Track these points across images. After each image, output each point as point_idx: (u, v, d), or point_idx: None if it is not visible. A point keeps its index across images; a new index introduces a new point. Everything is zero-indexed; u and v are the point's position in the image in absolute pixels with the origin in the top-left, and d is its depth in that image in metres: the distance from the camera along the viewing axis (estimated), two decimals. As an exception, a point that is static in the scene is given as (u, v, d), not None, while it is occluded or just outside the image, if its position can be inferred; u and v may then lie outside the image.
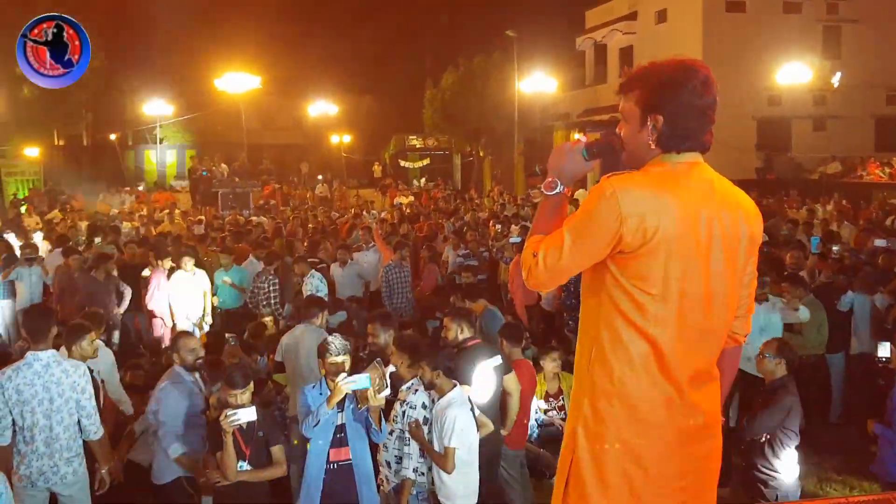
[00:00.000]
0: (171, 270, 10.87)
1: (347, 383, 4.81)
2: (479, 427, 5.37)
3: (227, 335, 8.96)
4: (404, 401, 5.39)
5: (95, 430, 5.19)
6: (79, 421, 5.15)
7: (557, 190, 2.57)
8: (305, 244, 14.01)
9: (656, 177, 2.38)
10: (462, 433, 5.11)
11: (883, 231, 13.46)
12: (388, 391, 4.93)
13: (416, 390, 5.38)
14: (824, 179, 24.18)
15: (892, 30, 31.05)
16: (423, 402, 5.34)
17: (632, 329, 2.38)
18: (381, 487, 5.38)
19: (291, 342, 7.06)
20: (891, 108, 31.81)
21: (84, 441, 5.26)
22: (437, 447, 5.15)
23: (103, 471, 5.31)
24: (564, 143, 2.66)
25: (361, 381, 4.79)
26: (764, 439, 5.62)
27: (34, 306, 7.70)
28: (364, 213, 20.71)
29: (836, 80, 25.62)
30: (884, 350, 6.25)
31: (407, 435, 5.28)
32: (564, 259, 2.40)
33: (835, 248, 11.13)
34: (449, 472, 5.11)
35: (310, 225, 18.15)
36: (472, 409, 5.30)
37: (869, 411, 6.32)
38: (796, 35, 29.84)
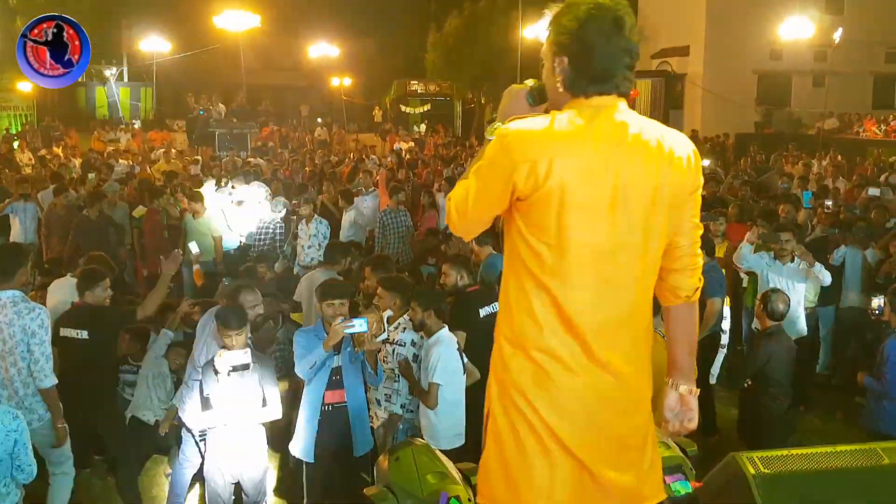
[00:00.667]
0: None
1: (345, 326, 4.84)
2: (467, 374, 5.46)
3: (223, 279, 9.00)
4: (394, 340, 5.48)
5: (42, 377, 5.07)
6: None
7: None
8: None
9: (558, 121, 2.25)
10: (446, 371, 5.18)
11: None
12: (385, 335, 4.99)
13: (405, 329, 5.48)
14: (821, 135, 24.12)
15: (896, -13, 30.77)
16: (413, 340, 5.45)
17: (531, 279, 2.31)
18: (372, 424, 5.48)
19: (307, 285, 7.12)
20: (889, 65, 31.76)
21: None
22: (423, 385, 5.25)
23: (58, 425, 5.21)
24: (513, 85, 2.57)
25: (359, 324, 4.81)
26: (746, 386, 5.77)
27: (4, 245, 7.75)
28: (364, 157, 20.60)
29: (837, 35, 25.38)
30: (878, 301, 6.33)
31: (396, 372, 5.38)
32: (470, 205, 2.36)
33: (828, 202, 11.18)
34: (432, 408, 5.20)
35: (306, 168, 18.06)
36: (459, 352, 5.39)
37: (855, 364, 6.45)
38: (799, -12, 29.56)
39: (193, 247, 9.03)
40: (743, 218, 9.74)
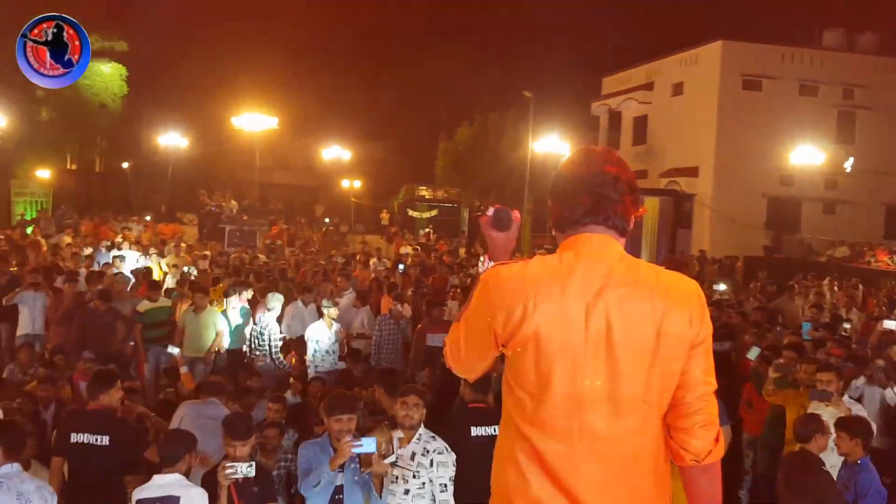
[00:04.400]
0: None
1: (352, 445, 4.67)
2: None
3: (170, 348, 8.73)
4: (426, 450, 5.18)
5: None
6: None
7: (487, 267, 2.45)
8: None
9: (538, 266, 2.21)
10: None
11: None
12: (393, 457, 4.79)
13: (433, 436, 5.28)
14: (832, 263, 24.14)
15: (906, 119, 31.48)
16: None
17: (514, 427, 2.24)
18: None
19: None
20: (901, 195, 32.06)
21: None
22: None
23: None
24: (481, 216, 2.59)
25: (367, 444, 4.67)
26: None
27: None
28: (370, 260, 20.56)
29: (848, 164, 25.81)
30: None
31: (433, 491, 5.11)
32: (462, 352, 2.35)
33: (846, 324, 11.07)
34: None
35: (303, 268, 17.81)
36: None
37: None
38: (811, 117, 30.25)
39: (173, 349, 8.80)
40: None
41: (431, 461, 5.13)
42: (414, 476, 5.10)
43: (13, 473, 4.43)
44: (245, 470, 4.67)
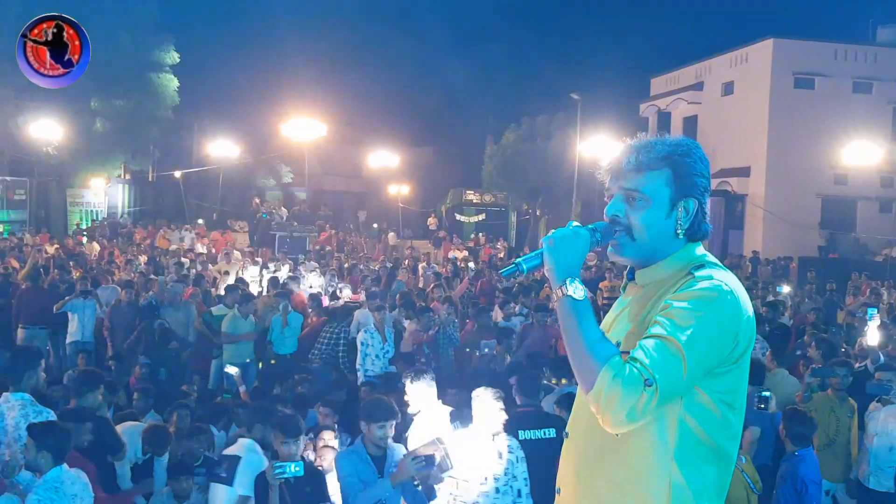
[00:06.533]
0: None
1: (416, 463, 4.65)
2: None
3: (227, 368, 8.76)
4: (510, 448, 5.27)
5: None
6: None
7: (584, 292, 2.06)
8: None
9: (732, 274, 2.12)
10: None
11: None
12: (452, 468, 4.76)
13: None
14: (889, 262, 23.50)
15: (966, 115, 30.50)
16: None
17: (715, 452, 2.06)
18: None
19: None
20: (960, 193, 31.02)
21: None
22: None
23: None
24: (555, 231, 2.15)
25: (428, 461, 4.66)
26: None
27: (16, 349, 7.77)
28: (420, 265, 20.61)
29: (904, 162, 25.11)
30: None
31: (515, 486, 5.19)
32: (688, 376, 1.96)
33: None
34: None
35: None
36: None
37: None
38: (865, 115, 29.52)
39: (231, 369, 8.78)
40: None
41: (517, 458, 5.26)
42: (505, 473, 5.20)
43: (64, 476, 4.54)
44: (293, 469, 4.68)
